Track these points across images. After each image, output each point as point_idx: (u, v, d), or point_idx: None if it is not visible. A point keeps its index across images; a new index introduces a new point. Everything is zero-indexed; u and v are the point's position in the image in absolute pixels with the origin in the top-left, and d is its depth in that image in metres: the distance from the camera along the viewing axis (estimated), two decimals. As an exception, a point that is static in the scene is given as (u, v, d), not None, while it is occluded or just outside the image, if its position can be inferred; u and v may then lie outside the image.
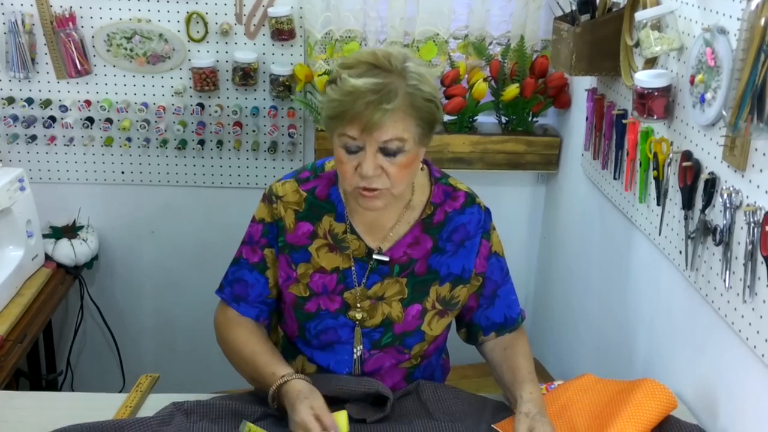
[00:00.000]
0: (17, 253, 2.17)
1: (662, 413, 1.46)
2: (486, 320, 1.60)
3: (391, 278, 1.54)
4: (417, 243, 1.55)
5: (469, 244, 1.56)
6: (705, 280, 1.53)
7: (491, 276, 1.59)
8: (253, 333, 1.58)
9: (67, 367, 2.70)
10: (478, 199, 1.60)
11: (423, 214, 1.55)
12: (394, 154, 1.38)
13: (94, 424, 1.42)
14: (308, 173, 1.58)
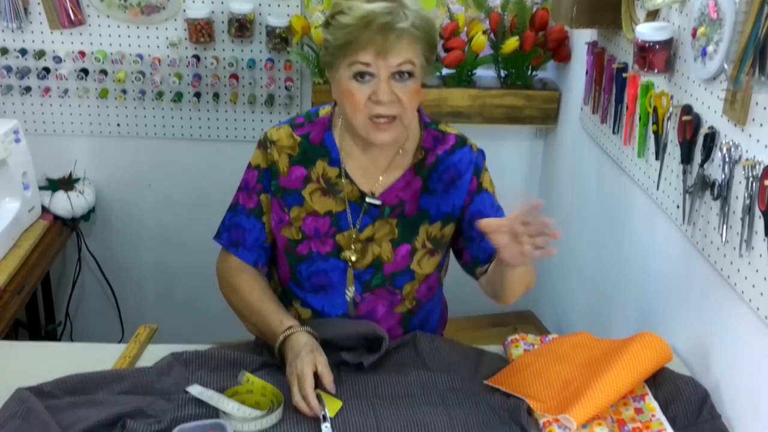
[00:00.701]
0: (14, 205, 2.17)
1: (657, 364, 1.47)
2: (483, 252, 1.60)
3: (382, 220, 1.55)
4: (409, 186, 1.56)
5: (459, 183, 1.57)
6: (702, 235, 1.54)
7: (482, 210, 1.58)
8: (257, 281, 1.59)
9: (66, 318, 2.72)
10: (469, 141, 1.61)
11: (415, 159, 1.56)
12: (406, 79, 1.42)
13: (94, 373, 1.43)
14: (302, 119, 1.59)
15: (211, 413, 1.36)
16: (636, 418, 1.42)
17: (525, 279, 1.51)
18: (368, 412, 1.40)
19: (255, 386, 1.42)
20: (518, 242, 1.33)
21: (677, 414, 1.42)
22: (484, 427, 1.38)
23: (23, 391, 1.35)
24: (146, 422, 1.32)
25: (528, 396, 1.43)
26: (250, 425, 1.34)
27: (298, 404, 1.37)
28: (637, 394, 1.46)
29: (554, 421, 1.38)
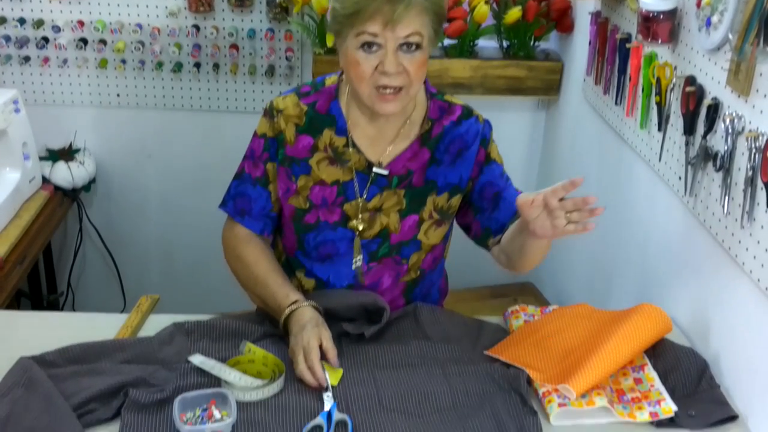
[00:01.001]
0: (14, 175, 2.17)
1: (657, 335, 1.48)
2: (495, 222, 1.59)
3: (390, 190, 1.55)
4: (415, 156, 1.55)
5: (467, 155, 1.57)
6: (703, 206, 1.54)
7: (492, 180, 1.58)
8: (263, 252, 1.59)
9: (68, 289, 2.73)
10: (475, 111, 1.60)
11: (421, 129, 1.55)
12: (413, 50, 1.40)
13: (96, 343, 1.44)
14: (308, 88, 1.58)
15: (213, 383, 1.37)
16: (635, 388, 1.43)
17: (545, 249, 1.51)
18: (369, 382, 1.41)
19: (257, 356, 1.42)
20: (552, 216, 1.33)
21: (676, 384, 1.43)
22: (483, 396, 1.39)
23: (26, 360, 1.35)
24: (149, 391, 1.33)
25: (528, 366, 1.44)
26: (251, 394, 1.35)
27: (303, 374, 1.37)
28: (637, 365, 1.47)
29: (554, 391, 1.38)
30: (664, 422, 1.36)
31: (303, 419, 1.31)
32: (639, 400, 1.40)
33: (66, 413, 1.25)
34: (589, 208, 1.32)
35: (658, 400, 1.38)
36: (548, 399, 1.38)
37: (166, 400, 1.32)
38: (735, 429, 1.36)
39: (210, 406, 1.30)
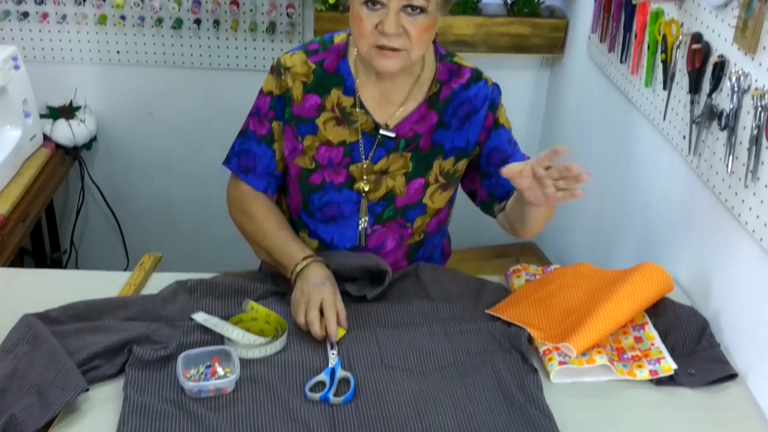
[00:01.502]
0: (15, 133, 2.16)
1: (658, 294, 1.48)
2: (501, 189, 1.59)
3: (397, 153, 1.54)
4: (423, 119, 1.54)
5: (475, 119, 1.55)
6: (707, 165, 1.53)
7: (499, 146, 1.58)
8: (272, 209, 1.59)
9: (71, 247, 2.73)
10: (484, 75, 1.58)
11: (429, 91, 1.54)
12: (417, 14, 1.37)
13: (100, 300, 1.45)
14: (317, 45, 1.56)
15: (216, 340, 1.38)
16: (635, 346, 1.43)
17: (546, 215, 1.51)
18: (371, 340, 1.42)
19: (259, 314, 1.43)
20: (542, 185, 1.33)
21: (676, 343, 1.44)
22: (484, 354, 1.40)
23: (30, 317, 1.36)
24: (152, 348, 1.34)
25: (529, 325, 1.44)
26: (254, 352, 1.36)
27: (313, 322, 1.38)
28: (637, 323, 1.47)
29: (554, 350, 1.39)
30: (664, 380, 1.37)
31: (306, 376, 1.32)
32: (639, 358, 1.40)
33: (71, 369, 1.26)
34: (574, 175, 1.31)
35: (658, 358, 1.39)
36: (549, 357, 1.39)
37: (170, 357, 1.33)
38: (734, 387, 1.37)
39: (213, 363, 1.31)
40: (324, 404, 1.27)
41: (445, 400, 1.29)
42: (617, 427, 1.28)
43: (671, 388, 1.37)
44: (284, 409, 1.25)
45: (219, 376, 1.29)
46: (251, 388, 1.29)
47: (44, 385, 1.23)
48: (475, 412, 1.27)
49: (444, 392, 1.31)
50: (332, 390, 1.29)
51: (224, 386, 1.27)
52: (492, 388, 1.32)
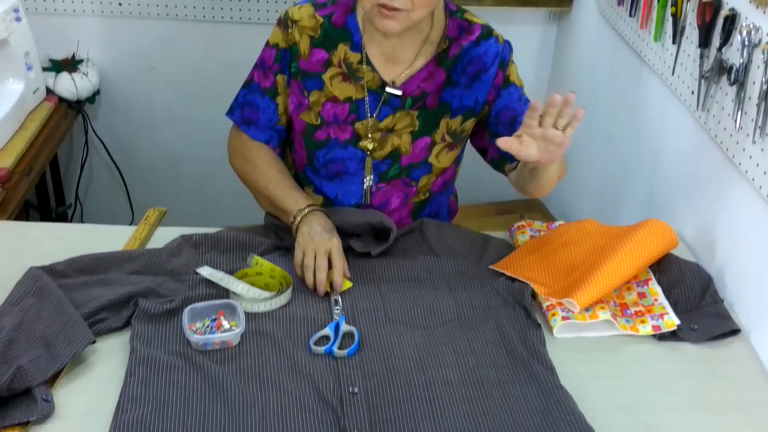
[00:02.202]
0: (18, 86, 2.14)
1: (663, 250, 1.48)
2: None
3: (403, 111, 1.52)
4: (431, 77, 1.52)
5: (484, 77, 1.53)
6: (715, 121, 1.51)
7: (510, 105, 1.56)
8: (275, 158, 1.59)
9: (76, 201, 2.74)
10: (495, 31, 1.55)
11: (438, 49, 1.51)
12: None
13: (105, 254, 1.45)
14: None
15: (221, 294, 1.39)
16: (639, 302, 1.44)
17: (558, 171, 1.50)
18: (375, 295, 1.42)
19: (264, 268, 1.44)
20: (546, 138, 1.31)
21: (680, 299, 1.44)
22: (488, 309, 1.40)
23: (36, 269, 1.37)
24: (158, 301, 1.35)
25: (532, 280, 1.45)
26: (259, 306, 1.37)
27: (320, 269, 1.39)
28: (641, 279, 1.48)
29: (557, 305, 1.40)
30: (666, 336, 1.38)
31: (310, 330, 1.33)
32: (642, 314, 1.41)
33: (77, 321, 1.27)
34: (561, 105, 1.28)
35: (661, 314, 1.39)
36: (552, 312, 1.39)
37: (176, 311, 1.34)
38: (737, 343, 1.38)
39: (219, 317, 1.32)
40: (328, 357, 1.28)
41: (448, 354, 1.30)
42: (619, 381, 1.29)
43: (674, 344, 1.37)
44: (289, 362, 1.26)
45: (224, 330, 1.30)
46: (256, 341, 1.30)
47: (51, 337, 1.24)
48: (477, 365, 1.28)
49: (447, 346, 1.32)
50: (336, 343, 1.30)
51: (229, 339, 1.28)
52: (495, 342, 1.33)
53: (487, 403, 1.21)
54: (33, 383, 1.16)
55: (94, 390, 1.22)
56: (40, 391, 1.16)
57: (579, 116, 1.30)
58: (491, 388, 1.24)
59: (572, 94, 1.28)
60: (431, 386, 1.23)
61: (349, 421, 1.16)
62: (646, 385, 1.29)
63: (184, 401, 1.18)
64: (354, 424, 1.15)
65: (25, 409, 1.14)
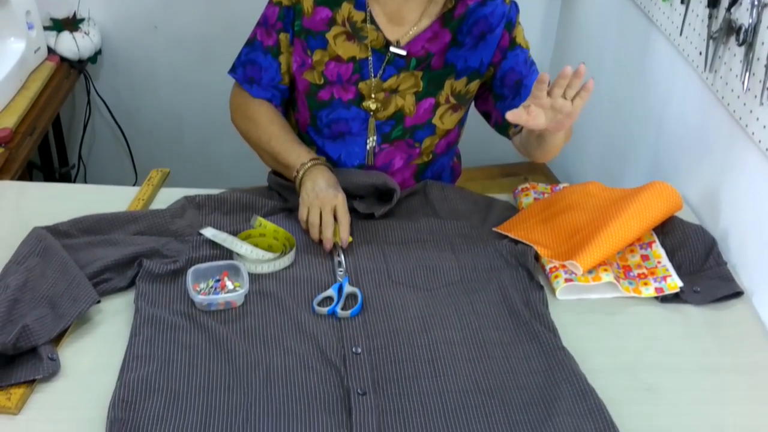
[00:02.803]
0: (19, 45, 2.12)
1: (667, 212, 1.48)
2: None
3: (407, 72, 1.51)
4: (436, 38, 1.50)
5: (490, 38, 1.51)
6: (723, 82, 1.50)
7: (515, 67, 1.54)
8: (277, 114, 1.58)
9: (79, 161, 2.73)
10: None
11: (444, 9, 1.50)
12: None
13: (109, 214, 1.45)
14: None
15: (225, 255, 1.39)
16: (642, 264, 1.44)
17: (564, 137, 1.49)
18: (378, 257, 1.43)
19: (267, 230, 1.44)
20: (555, 109, 1.30)
21: (683, 261, 1.44)
22: (491, 271, 1.40)
23: (40, 229, 1.37)
24: (162, 262, 1.36)
25: (536, 243, 1.45)
26: (263, 267, 1.37)
27: (327, 226, 1.40)
28: (645, 242, 1.48)
29: (561, 267, 1.40)
30: (669, 298, 1.38)
31: (314, 291, 1.34)
32: (645, 276, 1.41)
33: (82, 281, 1.27)
34: (571, 76, 1.27)
35: (664, 276, 1.40)
36: (555, 275, 1.39)
37: (180, 271, 1.35)
38: (739, 305, 1.38)
39: (223, 278, 1.32)
40: (331, 318, 1.29)
41: (451, 316, 1.30)
42: (621, 342, 1.30)
43: (676, 306, 1.38)
44: (293, 322, 1.27)
45: (228, 290, 1.31)
46: (260, 301, 1.31)
47: (56, 296, 1.25)
48: (480, 327, 1.29)
49: (450, 308, 1.32)
50: (340, 304, 1.30)
51: (233, 300, 1.29)
52: (497, 304, 1.34)
53: (489, 364, 1.22)
54: (38, 342, 1.17)
55: (99, 349, 1.23)
56: (45, 350, 1.17)
57: (589, 87, 1.28)
58: (493, 348, 1.25)
59: (583, 66, 1.27)
60: (434, 347, 1.24)
61: (353, 381, 1.17)
62: (647, 346, 1.29)
63: (189, 360, 1.19)
64: (357, 384, 1.16)
65: (31, 368, 1.15)
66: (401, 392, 1.16)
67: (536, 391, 1.17)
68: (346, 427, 1.10)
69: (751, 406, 1.19)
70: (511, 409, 1.14)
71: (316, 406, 1.13)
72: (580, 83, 1.28)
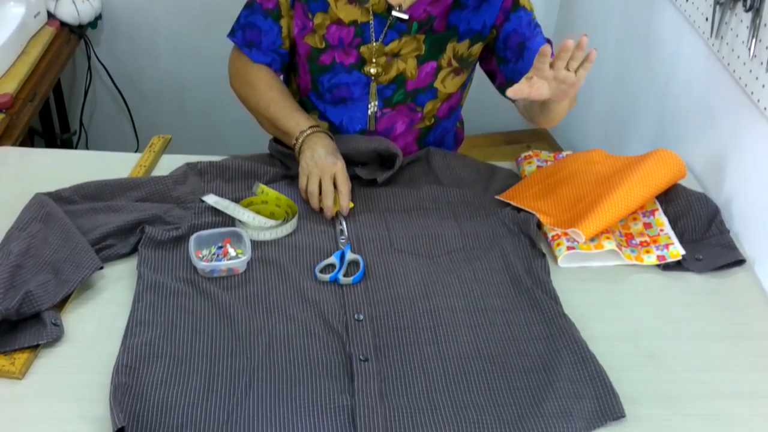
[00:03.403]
0: (18, 9, 2.10)
1: (671, 180, 1.47)
2: (519, 75, 1.54)
3: (409, 36, 1.49)
4: (438, 0, 1.48)
5: (493, 0, 1.50)
6: (729, 49, 1.48)
7: (518, 29, 1.53)
8: (276, 79, 1.57)
9: (81, 128, 2.73)
10: None
11: None
12: None
13: (111, 181, 1.45)
14: None
15: (227, 222, 1.39)
16: (644, 232, 1.44)
17: (569, 103, 1.47)
18: (380, 224, 1.43)
19: (269, 197, 1.43)
20: (558, 80, 1.28)
21: (686, 229, 1.44)
22: (493, 239, 1.40)
23: (42, 195, 1.37)
24: (164, 228, 1.36)
25: (538, 210, 1.44)
26: (265, 234, 1.37)
27: (327, 195, 1.40)
28: (648, 210, 1.47)
29: (563, 235, 1.40)
30: (671, 265, 1.38)
31: (316, 259, 1.34)
32: (647, 244, 1.41)
33: (84, 247, 1.28)
34: (573, 46, 1.26)
35: (667, 244, 1.40)
36: (557, 242, 1.39)
37: (182, 238, 1.35)
38: (742, 273, 1.38)
39: (225, 245, 1.32)
40: (334, 285, 1.29)
41: (452, 283, 1.31)
42: (622, 310, 1.30)
43: (678, 273, 1.38)
44: (295, 288, 1.27)
45: (231, 257, 1.31)
46: (262, 268, 1.31)
47: (59, 262, 1.25)
48: (482, 294, 1.29)
49: (452, 275, 1.32)
50: (342, 271, 1.31)
51: (236, 267, 1.29)
52: (499, 271, 1.34)
53: (490, 331, 1.22)
54: (42, 307, 1.18)
55: (102, 314, 1.23)
56: (49, 316, 1.18)
57: (592, 58, 1.27)
58: (495, 315, 1.25)
59: (585, 38, 1.25)
60: (436, 314, 1.24)
61: (355, 348, 1.17)
62: (648, 314, 1.30)
63: (192, 326, 1.20)
64: (359, 350, 1.17)
65: (35, 333, 1.16)
66: (403, 358, 1.17)
67: (537, 357, 1.18)
68: (349, 392, 1.11)
69: (752, 373, 1.20)
70: (512, 376, 1.15)
71: (319, 371, 1.14)
72: (583, 54, 1.27)
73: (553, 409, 1.09)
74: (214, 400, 1.09)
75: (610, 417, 1.10)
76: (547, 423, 1.07)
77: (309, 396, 1.10)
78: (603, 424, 1.09)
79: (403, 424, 1.07)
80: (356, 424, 1.06)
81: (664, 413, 1.12)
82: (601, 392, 1.12)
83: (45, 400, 1.09)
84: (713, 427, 1.11)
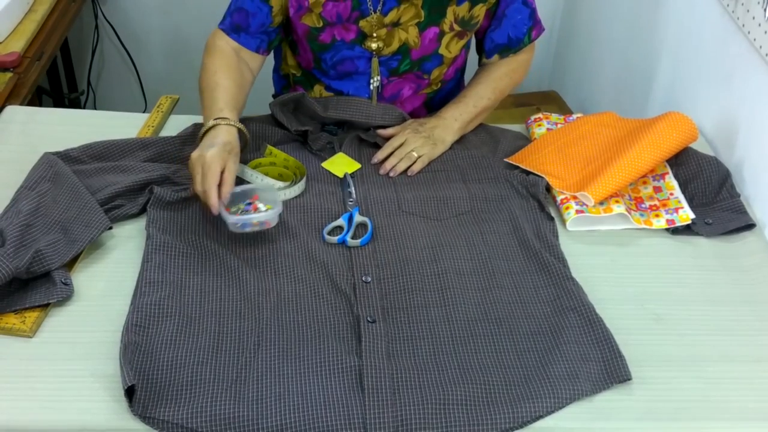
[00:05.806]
0: (25, -33, 2.08)
1: (682, 143, 1.46)
2: (490, 42, 1.56)
3: (407, 3, 1.47)
4: None
5: None
6: (744, 9, 1.46)
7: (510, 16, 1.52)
8: (229, 67, 1.46)
9: (88, 87, 2.72)
10: None
11: None
12: None
13: (119, 141, 1.45)
14: None
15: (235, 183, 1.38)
16: (654, 196, 1.43)
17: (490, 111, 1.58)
18: (389, 187, 1.42)
19: (278, 158, 1.43)
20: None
21: (696, 193, 1.43)
22: (501, 201, 1.40)
23: (51, 155, 1.37)
24: (173, 189, 1.36)
25: (547, 173, 1.44)
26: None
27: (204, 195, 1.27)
28: (658, 173, 1.46)
29: (572, 198, 1.39)
30: (680, 229, 1.38)
31: (324, 221, 1.34)
32: (657, 207, 1.40)
33: (93, 207, 1.28)
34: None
35: (676, 207, 1.39)
36: (566, 206, 1.39)
37: (190, 199, 1.35)
38: (751, 237, 1.38)
39: (254, 201, 1.31)
40: (342, 247, 1.30)
41: (460, 245, 1.31)
42: (630, 273, 1.30)
43: (687, 237, 1.37)
44: (303, 250, 1.27)
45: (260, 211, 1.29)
46: (271, 230, 1.31)
47: (68, 221, 1.26)
48: (490, 256, 1.29)
49: (460, 238, 1.32)
50: (350, 233, 1.31)
51: (268, 220, 1.26)
52: (508, 234, 1.34)
53: (498, 293, 1.23)
54: (52, 267, 1.18)
55: (111, 274, 1.24)
56: (59, 275, 1.18)
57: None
58: (503, 278, 1.25)
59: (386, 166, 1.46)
60: (443, 276, 1.24)
61: (362, 309, 1.18)
62: (656, 277, 1.30)
63: (201, 286, 1.21)
64: (367, 312, 1.17)
65: (45, 292, 1.17)
66: (410, 320, 1.17)
67: (544, 320, 1.19)
68: (356, 353, 1.12)
69: (760, 337, 1.20)
70: (519, 338, 1.16)
71: (327, 332, 1.15)
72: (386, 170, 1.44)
73: (559, 371, 1.10)
74: (223, 360, 1.10)
75: (617, 379, 1.10)
76: (554, 385, 1.08)
77: (317, 356, 1.11)
78: (609, 386, 1.10)
79: (410, 385, 1.08)
80: (363, 384, 1.07)
81: (670, 376, 1.13)
82: (608, 355, 1.12)
83: (56, 357, 1.10)
84: (719, 390, 1.12)
